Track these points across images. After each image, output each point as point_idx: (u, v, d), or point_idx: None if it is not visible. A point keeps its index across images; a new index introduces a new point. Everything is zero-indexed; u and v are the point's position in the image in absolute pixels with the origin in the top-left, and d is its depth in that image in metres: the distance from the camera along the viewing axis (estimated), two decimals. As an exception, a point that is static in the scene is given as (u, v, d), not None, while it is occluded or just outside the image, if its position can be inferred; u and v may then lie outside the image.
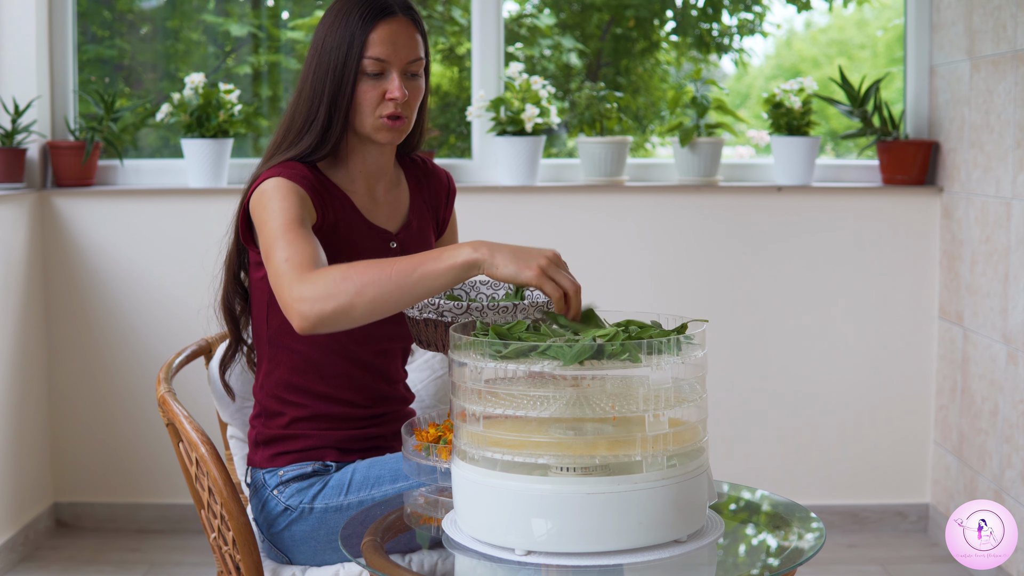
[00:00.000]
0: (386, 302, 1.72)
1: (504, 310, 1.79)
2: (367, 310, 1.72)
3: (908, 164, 3.57)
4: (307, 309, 1.74)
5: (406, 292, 1.71)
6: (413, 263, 1.71)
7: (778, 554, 1.69)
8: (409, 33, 2.01)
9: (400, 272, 1.71)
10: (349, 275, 1.72)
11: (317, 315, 1.73)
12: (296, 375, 2.05)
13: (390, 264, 1.72)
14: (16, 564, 3.34)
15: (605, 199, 3.58)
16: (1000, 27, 3.12)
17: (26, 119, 3.52)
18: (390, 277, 1.71)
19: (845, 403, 3.61)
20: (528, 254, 1.69)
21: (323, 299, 1.73)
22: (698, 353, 1.61)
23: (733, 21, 4.23)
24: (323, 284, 1.74)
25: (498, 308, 1.79)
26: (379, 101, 2.00)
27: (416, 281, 1.71)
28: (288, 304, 1.77)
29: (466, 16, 3.99)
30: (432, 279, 1.70)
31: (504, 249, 1.70)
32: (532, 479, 1.54)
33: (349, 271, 1.73)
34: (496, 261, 1.69)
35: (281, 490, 2.02)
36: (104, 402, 3.61)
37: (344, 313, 1.72)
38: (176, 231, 3.57)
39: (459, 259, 1.70)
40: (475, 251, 1.70)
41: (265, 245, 1.87)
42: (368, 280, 1.71)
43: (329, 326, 1.74)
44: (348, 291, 1.71)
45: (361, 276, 1.72)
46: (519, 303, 1.82)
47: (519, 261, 1.69)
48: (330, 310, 1.72)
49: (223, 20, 3.93)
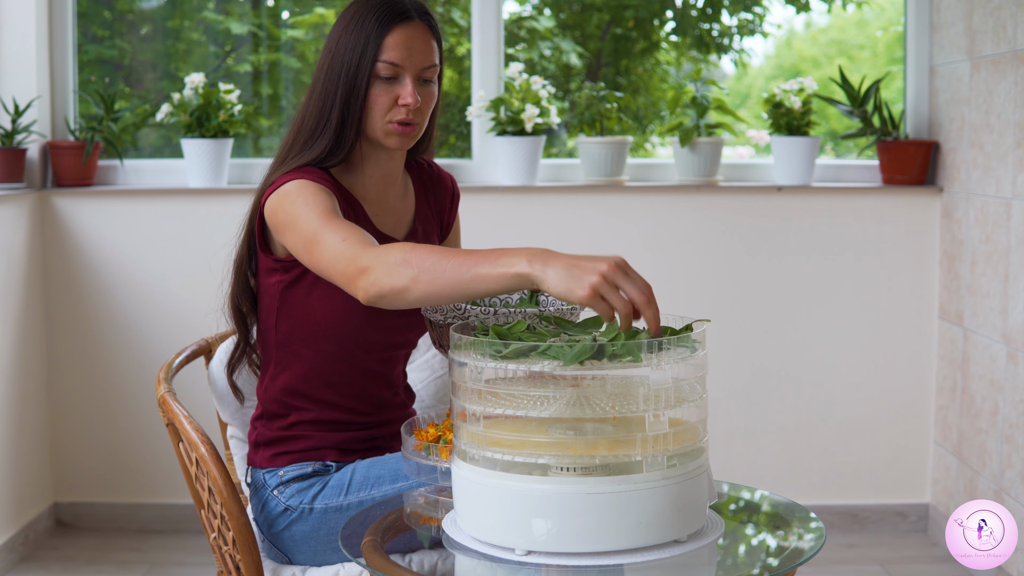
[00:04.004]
0: (438, 294, 1.69)
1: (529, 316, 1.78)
2: (420, 296, 1.70)
3: (908, 164, 3.57)
4: (371, 280, 1.72)
5: (458, 289, 1.67)
6: (469, 262, 1.67)
7: (778, 554, 1.69)
8: (425, 39, 1.99)
9: (455, 268, 1.67)
10: (409, 259, 1.70)
11: (377, 289, 1.72)
12: (301, 381, 2.05)
13: (449, 256, 1.68)
14: (16, 564, 3.34)
15: (605, 199, 3.58)
16: (1000, 27, 3.12)
17: (26, 119, 3.52)
18: (445, 271, 1.67)
19: (845, 403, 3.61)
20: (583, 270, 1.56)
21: (384, 275, 1.71)
22: (699, 353, 1.61)
23: (733, 21, 4.23)
24: (385, 260, 1.72)
25: (524, 314, 1.78)
26: (391, 106, 1.98)
27: (469, 280, 1.66)
28: (351, 276, 1.75)
29: (466, 17, 3.99)
30: (484, 282, 1.65)
31: (559, 263, 1.58)
32: (532, 479, 1.54)
33: (410, 255, 1.71)
34: (548, 276, 1.59)
35: (281, 490, 2.02)
36: (104, 402, 3.61)
37: (399, 294, 1.71)
38: (176, 231, 3.57)
39: (512, 268, 1.62)
40: (530, 264, 1.60)
41: (305, 238, 1.85)
42: (425, 267, 1.69)
43: (387, 303, 1.73)
44: (406, 275, 1.69)
45: (420, 263, 1.69)
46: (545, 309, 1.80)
47: (572, 279, 1.57)
48: (388, 288, 1.71)
49: (223, 19, 3.93)
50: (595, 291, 1.55)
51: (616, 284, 1.57)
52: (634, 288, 1.57)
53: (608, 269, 1.56)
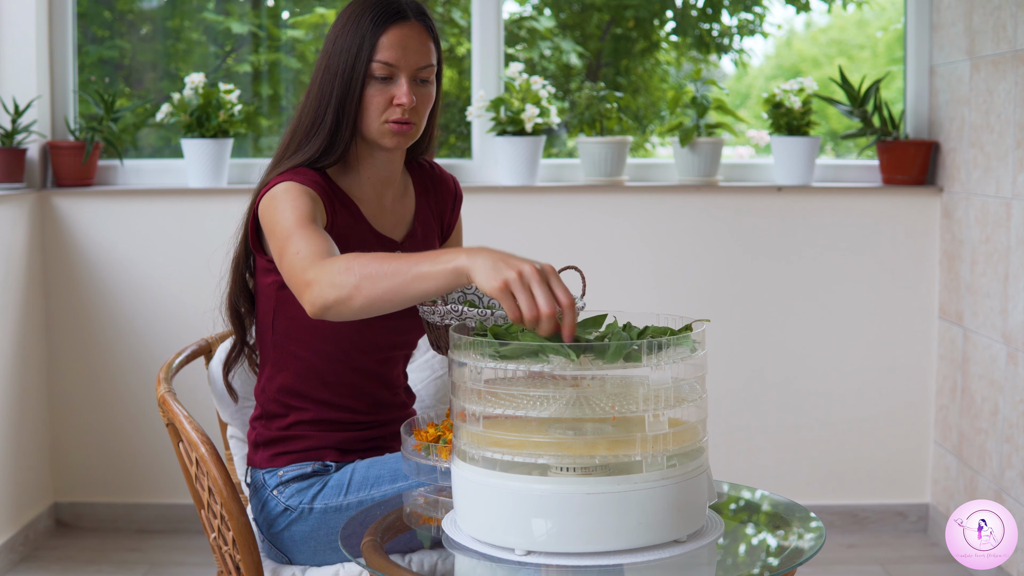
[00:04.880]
0: (382, 298, 1.68)
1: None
2: (364, 303, 1.69)
3: (908, 164, 3.57)
4: (314, 294, 1.73)
5: (400, 290, 1.67)
6: (410, 262, 1.67)
7: (778, 554, 1.69)
8: (421, 39, 1.99)
9: (396, 270, 1.67)
10: (352, 267, 1.70)
11: (322, 302, 1.72)
12: (299, 381, 2.05)
13: (390, 260, 1.68)
14: (16, 564, 3.34)
15: (605, 199, 3.58)
16: (1000, 27, 3.12)
17: (26, 119, 3.52)
18: (386, 275, 1.67)
19: (845, 403, 3.61)
20: (506, 264, 1.57)
21: (327, 287, 1.71)
22: (698, 353, 1.61)
23: (733, 21, 4.23)
24: (328, 272, 1.72)
25: None
26: (386, 106, 1.98)
27: (410, 280, 1.66)
28: (299, 290, 1.76)
29: (466, 17, 3.99)
30: (425, 280, 1.65)
31: (489, 256, 1.60)
32: (532, 479, 1.54)
33: (352, 263, 1.71)
34: (476, 266, 1.60)
35: (281, 490, 2.02)
36: (104, 402, 3.61)
37: (344, 303, 1.70)
38: (176, 231, 3.57)
39: (451, 264, 1.63)
40: (467, 257, 1.61)
41: (278, 244, 1.86)
42: (367, 273, 1.68)
43: (334, 315, 1.73)
44: (348, 283, 1.69)
45: (362, 269, 1.69)
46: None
47: (492, 269, 1.57)
48: (332, 299, 1.71)
49: (223, 19, 3.93)
50: (506, 286, 1.56)
51: (529, 286, 1.56)
52: (543, 297, 1.55)
53: (528, 270, 1.56)
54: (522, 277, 1.56)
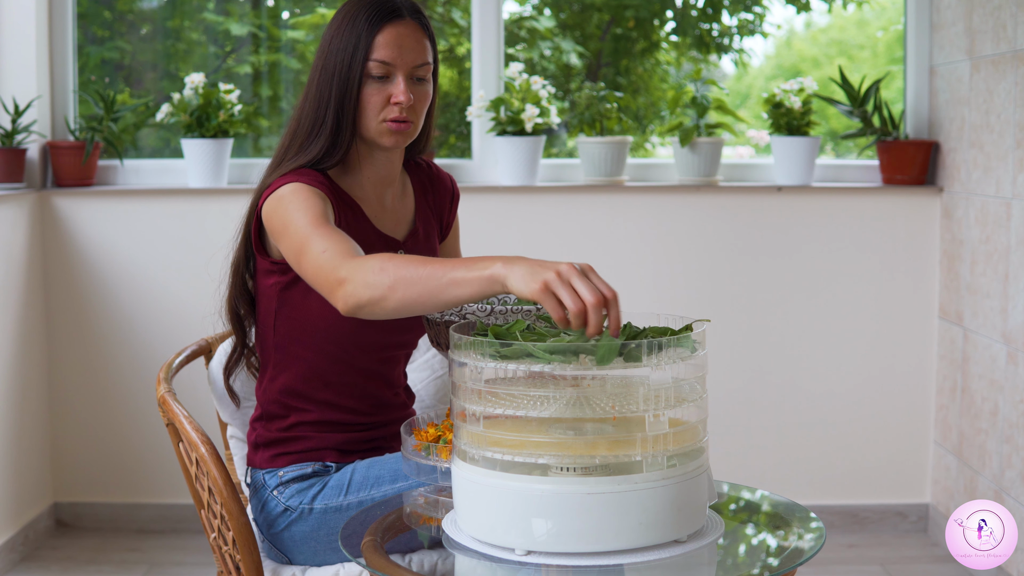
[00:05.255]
0: (415, 301, 1.69)
1: (527, 314, 1.78)
2: (398, 305, 1.70)
3: (908, 164, 3.57)
4: (348, 292, 1.72)
5: (434, 295, 1.67)
6: (445, 268, 1.67)
7: (778, 554, 1.69)
8: (416, 37, 1.99)
9: (431, 275, 1.67)
10: (386, 268, 1.70)
11: (356, 301, 1.72)
12: (300, 382, 2.05)
13: (425, 264, 1.69)
14: (16, 564, 3.34)
15: (605, 199, 3.58)
16: (1000, 27, 3.12)
17: (26, 119, 3.52)
18: (421, 279, 1.68)
19: (845, 403, 3.61)
20: (543, 267, 1.58)
21: (361, 286, 1.71)
22: (699, 353, 1.61)
23: (733, 21, 4.23)
24: (362, 272, 1.72)
25: (521, 311, 1.78)
26: (383, 105, 1.98)
27: (444, 286, 1.66)
28: (330, 287, 1.76)
29: (466, 17, 3.99)
30: (459, 287, 1.65)
31: (524, 263, 1.60)
32: (532, 479, 1.54)
33: (387, 264, 1.71)
34: (512, 274, 1.61)
35: (281, 491, 2.02)
36: (104, 402, 3.61)
37: (377, 304, 1.71)
38: (176, 231, 3.57)
39: (486, 271, 1.63)
40: (504, 266, 1.62)
41: (295, 245, 1.85)
42: (401, 276, 1.69)
43: (366, 314, 1.73)
44: (382, 284, 1.69)
45: (396, 271, 1.69)
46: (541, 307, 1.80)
47: (530, 274, 1.58)
48: (366, 299, 1.71)
49: (223, 19, 3.93)
50: (547, 286, 1.56)
51: (570, 283, 1.57)
52: (586, 289, 1.56)
53: (566, 268, 1.57)
54: (560, 275, 1.57)
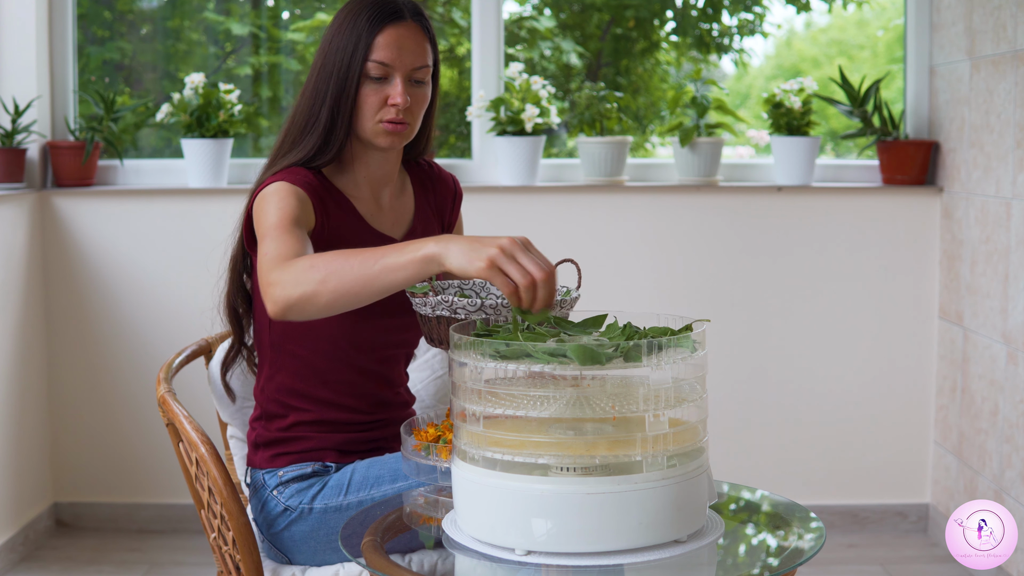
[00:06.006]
0: (349, 292, 1.68)
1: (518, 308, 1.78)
2: (331, 298, 1.69)
3: (908, 164, 3.57)
4: (276, 294, 1.72)
5: (368, 283, 1.67)
6: (377, 255, 1.67)
7: (778, 554, 1.69)
8: (417, 39, 1.99)
9: (362, 264, 1.67)
10: (316, 264, 1.70)
11: (284, 300, 1.71)
12: (298, 380, 2.05)
13: (356, 254, 1.68)
14: (16, 564, 3.34)
15: (605, 199, 3.58)
16: (1000, 27, 3.12)
17: (26, 119, 3.52)
18: (353, 268, 1.67)
19: (845, 403, 3.61)
20: (483, 243, 1.59)
21: (291, 285, 1.71)
22: (698, 353, 1.61)
23: (733, 21, 4.23)
24: (292, 271, 1.72)
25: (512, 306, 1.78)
26: (381, 106, 1.98)
27: (377, 273, 1.66)
28: (263, 289, 1.76)
29: (466, 18, 3.99)
30: (392, 271, 1.65)
31: (461, 241, 1.61)
32: (532, 479, 1.54)
33: (317, 260, 1.71)
34: (450, 252, 1.61)
35: (281, 490, 2.02)
36: (104, 402, 3.61)
37: (309, 300, 1.70)
38: (176, 231, 3.57)
39: (420, 252, 1.64)
40: (437, 244, 1.63)
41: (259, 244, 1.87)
42: (333, 269, 1.68)
43: (297, 313, 1.72)
44: (313, 279, 1.69)
45: (327, 265, 1.69)
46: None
47: (472, 251, 1.59)
48: (296, 296, 1.70)
49: (224, 19, 3.93)
50: (492, 262, 1.58)
51: (514, 257, 1.59)
52: (532, 263, 1.58)
53: (508, 243, 1.59)
54: (504, 250, 1.59)
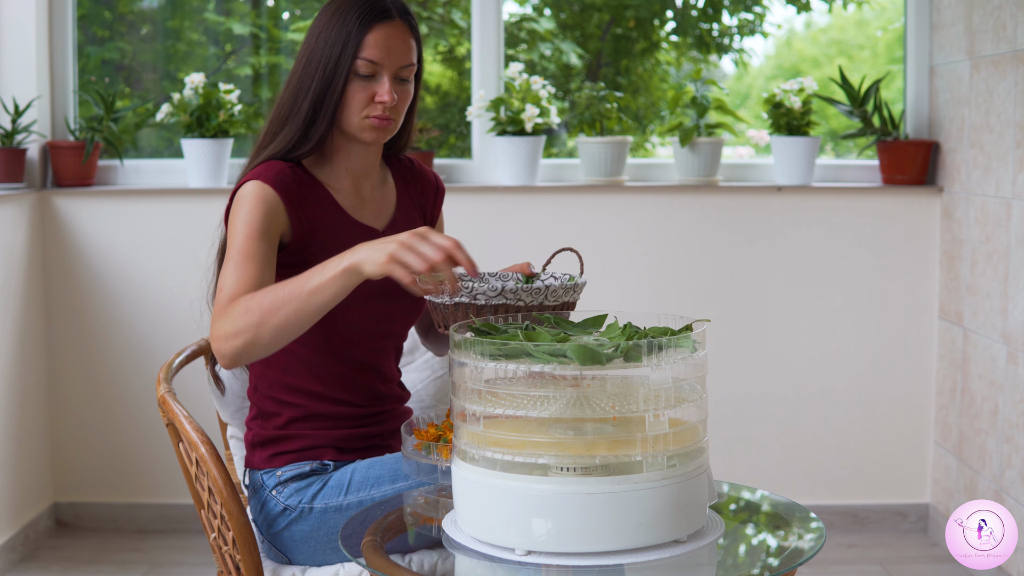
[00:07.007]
0: (287, 324, 1.76)
1: (536, 292, 1.79)
2: (272, 337, 1.77)
3: (908, 164, 3.57)
4: (223, 349, 1.80)
5: (301, 311, 1.75)
6: (302, 282, 1.75)
7: (778, 554, 1.69)
8: (404, 38, 2.01)
9: (291, 294, 1.75)
10: (250, 307, 1.78)
11: (231, 353, 1.80)
12: (289, 375, 2.05)
13: (285, 286, 1.76)
14: (16, 564, 3.34)
15: (605, 199, 3.58)
16: (1000, 27, 3.12)
17: (26, 119, 3.52)
18: (284, 302, 1.76)
19: (845, 403, 3.61)
20: (384, 244, 1.70)
21: (232, 336, 1.79)
22: (698, 353, 1.61)
23: (733, 21, 4.23)
24: (230, 322, 1.79)
25: (531, 291, 1.79)
26: (367, 102, 2.00)
27: (307, 298, 1.75)
28: (212, 340, 1.82)
29: (466, 18, 3.99)
30: (321, 293, 1.74)
31: (368, 246, 1.72)
32: (532, 479, 1.54)
33: (250, 303, 1.78)
34: (360, 257, 1.71)
35: (280, 490, 2.02)
36: (104, 402, 3.61)
37: (252, 345, 1.78)
38: (176, 231, 3.57)
39: (339, 267, 1.73)
40: (351, 255, 1.72)
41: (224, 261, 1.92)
42: (266, 309, 1.76)
43: (247, 359, 1.80)
44: (250, 325, 1.77)
45: (260, 306, 1.77)
46: (550, 285, 1.81)
47: (375, 253, 1.70)
48: (240, 347, 1.79)
49: (224, 19, 3.93)
50: (392, 257, 1.68)
51: (413, 248, 1.68)
52: (428, 248, 1.68)
53: (406, 236, 1.70)
54: (403, 244, 1.68)
